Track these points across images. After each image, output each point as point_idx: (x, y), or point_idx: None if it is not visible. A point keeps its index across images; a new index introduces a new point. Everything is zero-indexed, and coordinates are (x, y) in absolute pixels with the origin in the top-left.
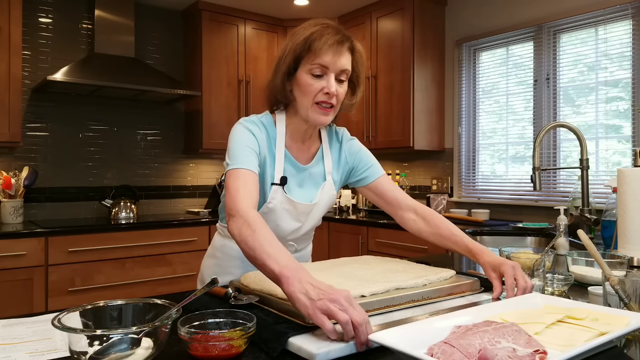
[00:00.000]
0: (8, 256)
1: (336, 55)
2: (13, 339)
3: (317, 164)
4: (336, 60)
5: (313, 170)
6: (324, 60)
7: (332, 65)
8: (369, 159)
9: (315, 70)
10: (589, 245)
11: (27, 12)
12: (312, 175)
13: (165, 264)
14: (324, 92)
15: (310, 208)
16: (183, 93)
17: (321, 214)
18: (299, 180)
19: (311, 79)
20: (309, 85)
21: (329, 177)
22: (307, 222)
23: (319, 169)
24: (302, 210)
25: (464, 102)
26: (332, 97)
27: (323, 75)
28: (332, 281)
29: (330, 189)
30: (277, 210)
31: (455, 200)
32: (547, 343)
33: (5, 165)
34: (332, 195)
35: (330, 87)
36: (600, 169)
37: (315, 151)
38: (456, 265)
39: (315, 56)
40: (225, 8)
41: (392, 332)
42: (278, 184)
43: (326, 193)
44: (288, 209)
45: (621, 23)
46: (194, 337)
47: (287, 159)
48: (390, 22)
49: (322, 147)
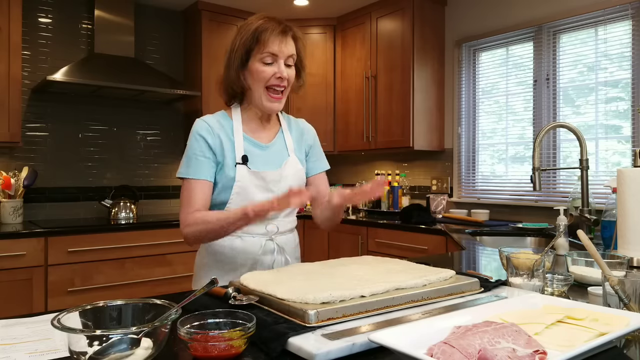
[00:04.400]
0: (8, 256)
1: (282, 43)
2: (13, 339)
3: (278, 142)
4: (282, 47)
5: (275, 148)
6: (273, 48)
7: (280, 53)
8: (319, 152)
9: (267, 59)
10: (589, 245)
11: (27, 12)
12: (275, 152)
13: (165, 264)
14: (276, 77)
15: (277, 176)
16: (183, 93)
17: None
18: (263, 157)
19: (263, 66)
20: (261, 72)
21: (292, 153)
22: (279, 193)
23: (281, 147)
24: (270, 178)
25: (463, 103)
26: (284, 80)
27: (273, 62)
28: (332, 281)
29: (296, 163)
30: (247, 186)
31: (455, 201)
32: (547, 343)
33: (4, 165)
34: (300, 170)
35: (281, 72)
36: (600, 169)
37: (275, 132)
38: (456, 265)
39: (265, 46)
40: (225, 8)
41: (392, 332)
42: (241, 163)
43: (292, 166)
44: (257, 183)
45: (621, 23)
46: (194, 337)
47: (248, 141)
48: (390, 22)
49: (282, 129)
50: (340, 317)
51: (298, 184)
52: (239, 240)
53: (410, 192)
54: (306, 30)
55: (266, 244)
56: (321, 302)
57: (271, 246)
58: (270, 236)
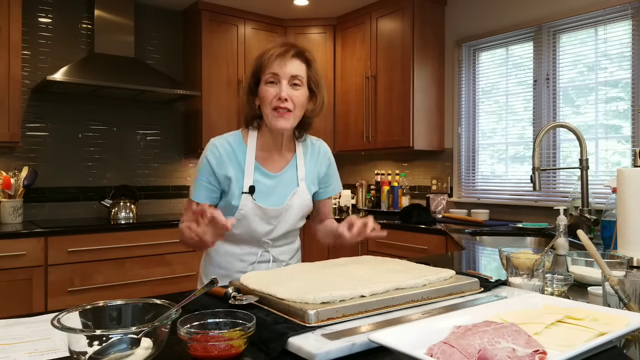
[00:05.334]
0: (7, 256)
1: (282, 63)
2: (13, 339)
3: (289, 171)
4: (283, 67)
5: (284, 178)
6: (273, 69)
7: (281, 72)
8: (332, 176)
9: (269, 79)
10: (589, 245)
11: (27, 12)
12: (283, 183)
13: (165, 264)
14: (277, 98)
15: (279, 212)
16: (183, 93)
17: (295, 218)
18: (269, 187)
19: (267, 87)
20: (265, 92)
21: (302, 183)
22: (279, 225)
23: (291, 176)
24: (272, 214)
25: (463, 102)
26: (284, 100)
27: (276, 82)
28: (332, 281)
29: (303, 193)
30: (249, 215)
31: (454, 201)
32: (547, 343)
33: (4, 165)
34: (306, 199)
35: (281, 91)
36: (599, 169)
37: (288, 161)
38: (456, 265)
39: (266, 68)
40: (225, 8)
41: (392, 332)
42: (247, 192)
43: (298, 197)
44: (259, 214)
45: (621, 23)
46: (194, 337)
47: (257, 169)
48: (390, 22)
49: (296, 156)
50: (340, 317)
51: (303, 213)
52: (237, 248)
53: (410, 192)
54: (306, 30)
55: (262, 254)
56: (321, 302)
57: (267, 256)
58: (266, 248)
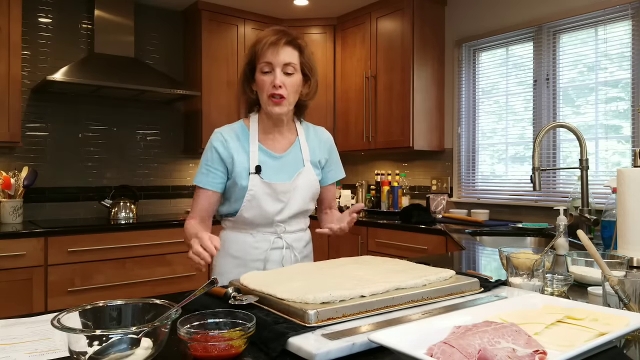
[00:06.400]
0: (7, 256)
1: (275, 51)
2: (13, 339)
3: (294, 152)
4: (276, 55)
5: (289, 158)
6: (267, 58)
7: (275, 60)
8: (335, 161)
9: (264, 68)
10: (589, 245)
11: (27, 12)
12: (289, 163)
13: (165, 264)
14: (271, 85)
15: (288, 187)
16: (183, 93)
17: (305, 197)
18: (276, 167)
19: (262, 75)
20: (261, 81)
21: (307, 163)
22: (289, 203)
23: (296, 157)
24: (281, 190)
25: (463, 103)
26: (278, 88)
27: (270, 71)
28: (332, 281)
29: (310, 173)
30: (259, 195)
31: (454, 201)
32: (547, 343)
33: (4, 165)
34: (313, 180)
35: (275, 79)
36: (599, 169)
37: (291, 142)
38: (456, 265)
39: (260, 57)
40: (225, 8)
41: (392, 332)
42: (254, 173)
43: (305, 177)
44: (268, 192)
45: (621, 23)
46: (194, 337)
47: (262, 151)
48: (390, 22)
49: (299, 138)
50: (340, 317)
51: (312, 193)
52: (250, 236)
53: (410, 192)
54: (306, 30)
55: (275, 240)
56: (321, 302)
57: (280, 243)
58: (279, 234)
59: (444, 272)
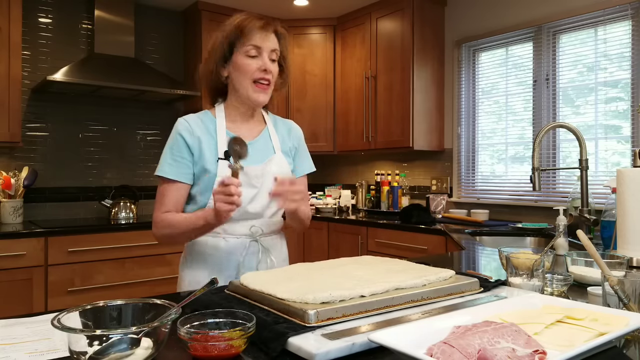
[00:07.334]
0: (7, 256)
1: (265, 37)
2: (13, 339)
3: (263, 139)
4: (265, 40)
5: (259, 144)
6: (255, 41)
7: (264, 45)
8: (304, 153)
9: (251, 52)
10: (588, 245)
11: (27, 12)
12: (259, 149)
13: (165, 264)
14: (261, 70)
15: (260, 171)
16: (183, 93)
17: None
18: None
19: (248, 59)
20: (246, 65)
21: (278, 151)
22: (262, 189)
23: (266, 144)
24: (253, 174)
25: (463, 103)
26: (269, 73)
27: (258, 55)
28: (332, 281)
29: (282, 161)
30: None
31: (454, 201)
32: (547, 343)
33: (5, 165)
34: (286, 166)
35: (265, 64)
36: (599, 169)
37: (260, 130)
38: (456, 265)
39: (248, 39)
40: (225, 8)
41: (392, 332)
42: (223, 158)
43: (277, 163)
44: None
45: (621, 23)
46: (194, 337)
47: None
48: (390, 23)
49: (268, 128)
50: (340, 317)
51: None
52: (223, 241)
53: (410, 192)
54: (306, 30)
55: (250, 245)
56: (321, 302)
57: (256, 247)
58: (255, 237)
59: (443, 272)
